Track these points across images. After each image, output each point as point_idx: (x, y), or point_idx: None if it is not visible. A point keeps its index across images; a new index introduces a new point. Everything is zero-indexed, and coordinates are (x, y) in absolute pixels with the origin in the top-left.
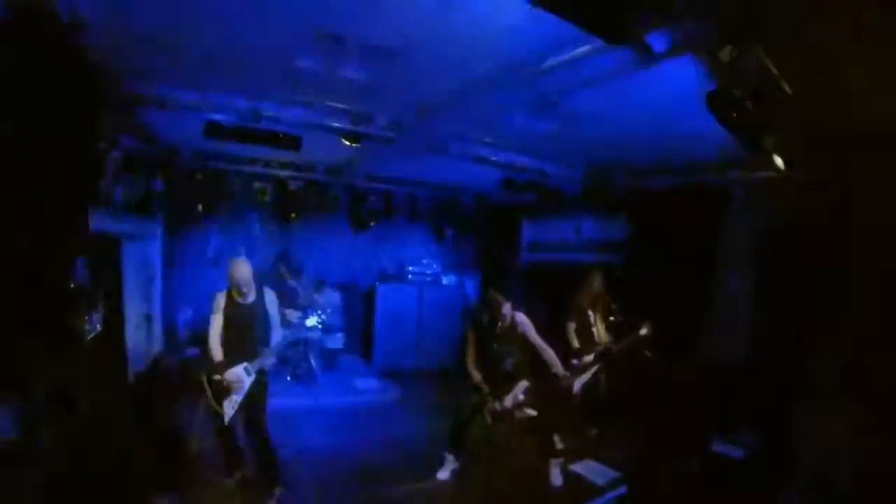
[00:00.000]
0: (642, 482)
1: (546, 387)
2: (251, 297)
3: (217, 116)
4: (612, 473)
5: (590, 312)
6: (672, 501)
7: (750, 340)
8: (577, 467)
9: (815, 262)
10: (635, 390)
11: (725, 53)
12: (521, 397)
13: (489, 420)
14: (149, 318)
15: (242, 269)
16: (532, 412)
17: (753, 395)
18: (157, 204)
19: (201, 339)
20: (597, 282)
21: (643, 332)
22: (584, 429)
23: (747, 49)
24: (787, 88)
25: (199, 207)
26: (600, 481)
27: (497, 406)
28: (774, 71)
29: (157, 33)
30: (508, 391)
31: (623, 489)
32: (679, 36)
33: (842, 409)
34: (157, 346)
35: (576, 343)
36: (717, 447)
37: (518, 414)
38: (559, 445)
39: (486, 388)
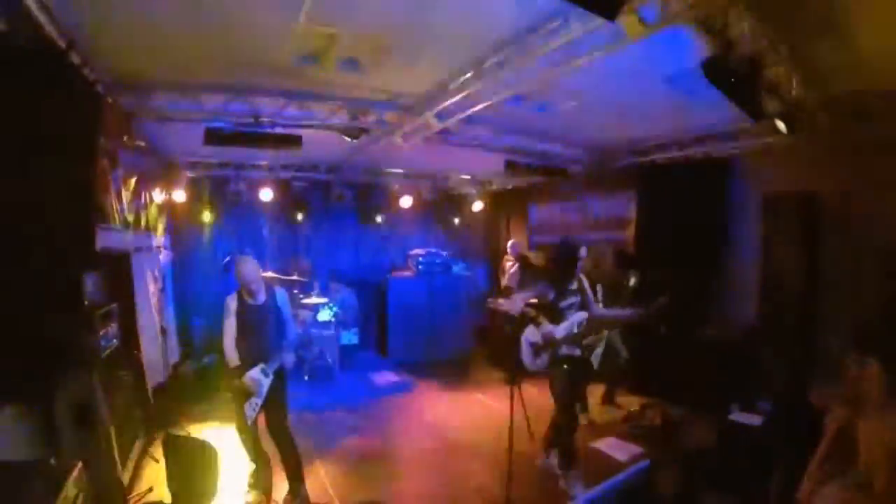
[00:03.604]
0: (663, 455)
1: None
2: (262, 298)
3: (215, 123)
4: (634, 448)
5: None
6: (693, 473)
7: (761, 309)
8: (599, 444)
9: (823, 227)
10: (651, 363)
11: (719, 21)
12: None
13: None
14: (163, 330)
15: (249, 266)
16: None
17: (768, 362)
18: (163, 215)
19: (217, 347)
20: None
21: (662, 300)
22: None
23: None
24: (784, 52)
25: (206, 215)
26: (622, 457)
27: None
28: (771, 34)
29: (149, 42)
30: None
31: (645, 463)
32: (671, 6)
33: (860, 375)
34: (173, 357)
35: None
36: (735, 416)
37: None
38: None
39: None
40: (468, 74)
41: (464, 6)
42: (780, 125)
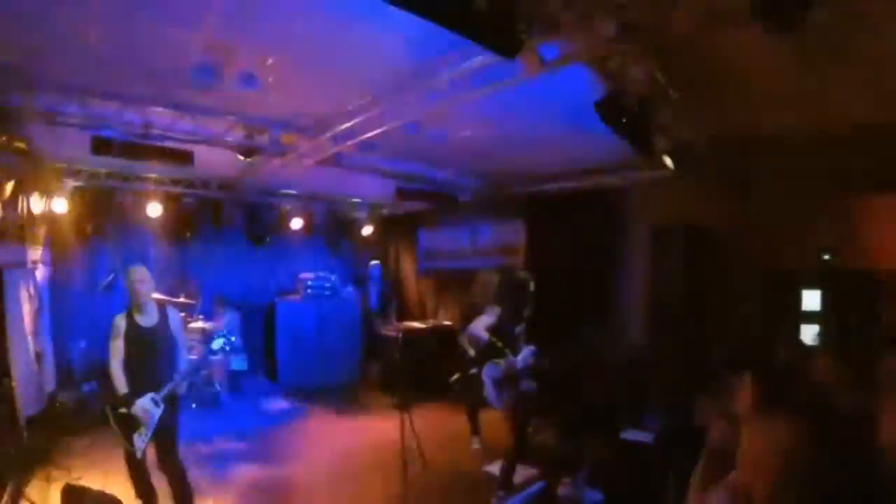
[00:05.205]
0: (558, 477)
1: None
2: (154, 318)
3: (104, 131)
4: (528, 471)
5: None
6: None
7: (650, 333)
8: (492, 467)
9: (707, 256)
10: (542, 386)
11: (614, 62)
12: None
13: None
14: (39, 355)
15: (139, 275)
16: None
17: (657, 382)
18: (41, 227)
19: (99, 372)
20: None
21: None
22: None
23: (635, 57)
24: (674, 94)
25: (89, 229)
26: (516, 479)
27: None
28: (661, 78)
29: (37, 39)
30: None
31: (540, 485)
32: (569, 46)
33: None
34: (50, 385)
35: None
36: (627, 434)
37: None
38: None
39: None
40: (365, 100)
41: (367, 33)
42: (668, 161)
